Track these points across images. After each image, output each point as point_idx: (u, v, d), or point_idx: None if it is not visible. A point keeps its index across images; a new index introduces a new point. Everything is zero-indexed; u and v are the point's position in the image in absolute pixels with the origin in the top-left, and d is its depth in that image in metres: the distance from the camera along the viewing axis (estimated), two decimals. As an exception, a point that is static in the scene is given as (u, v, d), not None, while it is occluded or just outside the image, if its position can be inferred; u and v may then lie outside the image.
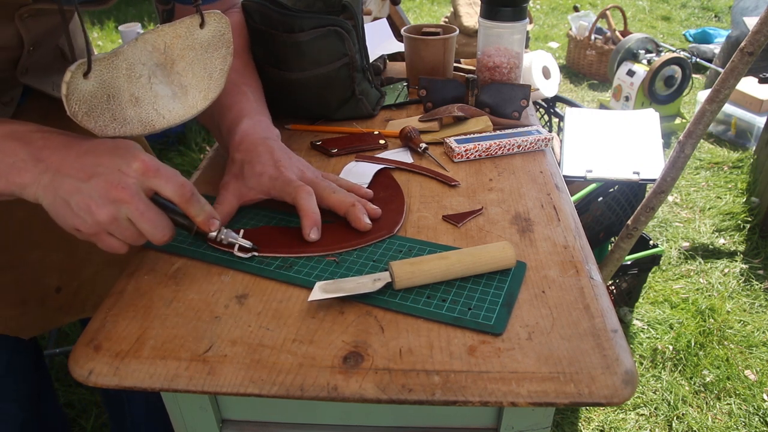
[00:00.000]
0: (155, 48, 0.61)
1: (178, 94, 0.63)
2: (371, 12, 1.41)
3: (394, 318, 0.53)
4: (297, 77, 0.85)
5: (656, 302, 1.79)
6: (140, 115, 0.61)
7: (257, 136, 0.69)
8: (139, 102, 0.60)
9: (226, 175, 0.69)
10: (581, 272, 0.58)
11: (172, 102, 0.63)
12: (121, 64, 0.58)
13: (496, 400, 0.46)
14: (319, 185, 0.66)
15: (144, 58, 0.60)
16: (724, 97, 1.15)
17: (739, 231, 2.10)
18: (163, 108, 0.62)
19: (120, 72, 0.58)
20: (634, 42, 2.89)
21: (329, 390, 0.47)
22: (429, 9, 5.21)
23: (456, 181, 0.75)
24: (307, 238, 0.62)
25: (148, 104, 0.61)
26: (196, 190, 0.57)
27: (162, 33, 0.61)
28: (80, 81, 0.55)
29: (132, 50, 0.59)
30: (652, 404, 1.47)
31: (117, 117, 0.59)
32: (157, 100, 0.62)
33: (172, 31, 0.61)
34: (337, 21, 0.82)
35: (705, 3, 5.00)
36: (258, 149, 0.67)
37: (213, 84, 0.65)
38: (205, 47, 0.64)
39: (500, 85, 0.92)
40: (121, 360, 0.49)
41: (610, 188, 1.45)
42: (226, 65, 0.66)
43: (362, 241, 0.63)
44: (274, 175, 0.65)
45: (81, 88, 0.55)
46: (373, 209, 0.66)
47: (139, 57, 0.60)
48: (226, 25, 0.65)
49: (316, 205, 0.63)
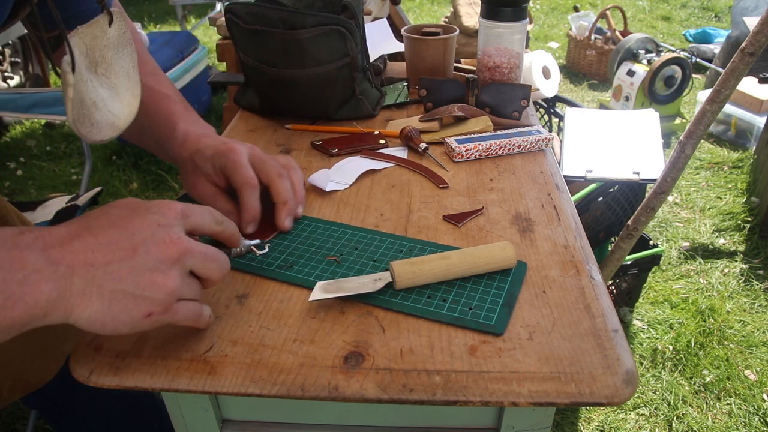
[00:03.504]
0: (81, 51, 0.58)
1: (112, 95, 0.62)
2: (371, 12, 1.41)
3: (394, 318, 0.53)
4: (297, 75, 0.85)
5: (656, 302, 1.79)
6: (104, 118, 0.59)
7: (198, 133, 0.69)
8: (97, 105, 0.59)
9: (187, 179, 0.68)
10: (582, 272, 0.58)
11: (114, 103, 0.61)
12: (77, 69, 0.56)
13: (497, 400, 0.46)
14: (267, 163, 0.66)
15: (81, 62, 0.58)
16: (724, 98, 1.15)
17: (739, 231, 2.10)
18: (113, 108, 0.61)
19: (78, 76, 0.56)
20: (634, 42, 2.89)
21: (330, 390, 0.47)
22: (429, 9, 5.21)
23: (446, 183, 0.75)
24: (244, 231, 0.62)
25: (103, 107, 0.60)
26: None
27: (82, 35, 0.58)
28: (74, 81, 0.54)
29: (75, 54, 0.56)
30: (652, 404, 1.47)
31: (93, 121, 0.58)
32: (106, 102, 0.60)
33: (89, 31, 0.59)
34: (340, 20, 0.82)
35: (705, 3, 5.00)
36: (203, 141, 0.67)
37: (132, 81, 0.64)
38: (116, 46, 0.62)
39: (500, 85, 0.92)
40: (121, 360, 0.49)
41: (610, 188, 1.45)
42: (134, 62, 0.65)
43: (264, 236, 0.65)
44: (222, 150, 0.64)
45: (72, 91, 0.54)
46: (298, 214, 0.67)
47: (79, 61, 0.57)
48: (124, 21, 0.63)
49: (258, 201, 0.63)
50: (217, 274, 0.49)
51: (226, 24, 0.86)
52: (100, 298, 0.42)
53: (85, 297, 0.42)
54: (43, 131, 2.97)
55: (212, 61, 3.56)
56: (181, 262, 0.45)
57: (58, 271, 0.41)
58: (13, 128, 3.00)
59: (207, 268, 0.48)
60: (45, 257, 0.41)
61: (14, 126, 3.01)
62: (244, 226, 0.62)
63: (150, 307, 0.44)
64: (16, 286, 0.39)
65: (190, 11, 4.95)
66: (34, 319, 0.40)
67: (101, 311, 0.43)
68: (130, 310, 0.43)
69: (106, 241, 0.43)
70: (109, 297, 0.43)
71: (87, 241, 0.43)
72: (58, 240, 0.42)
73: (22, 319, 0.40)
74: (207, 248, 0.48)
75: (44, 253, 0.41)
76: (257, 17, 0.82)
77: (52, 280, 0.40)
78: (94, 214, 0.46)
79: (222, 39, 2.11)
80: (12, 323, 0.39)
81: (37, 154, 2.76)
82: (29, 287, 0.39)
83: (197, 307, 0.48)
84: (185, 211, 0.49)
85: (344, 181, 0.76)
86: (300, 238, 0.65)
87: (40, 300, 0.40)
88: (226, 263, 0.50)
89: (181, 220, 0.48)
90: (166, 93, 0.74)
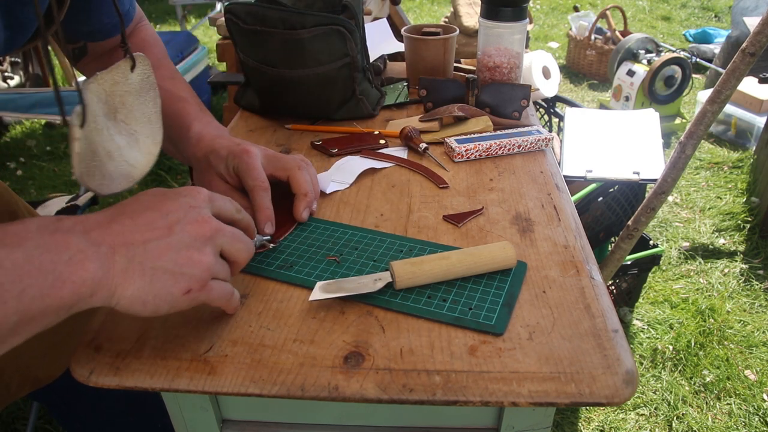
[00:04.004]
0: (99, 98, 0.58)
1: (131, 142, 0.61)
2: (371, 12, 1.41)
3: (394, 318, 0.53)
4: (297, 75, 0.85)
5: (656, 302, 1.79)
6: (118, 169, 0.59)
7: (212, 135, 0.70)
8: (111, 155, 0.58)
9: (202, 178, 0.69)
10: (582, 272, 0.58)
11: (131, 151, 0.61)
12: (89, 117, 0.55)
13: (497, 400, 0.46)
14: (285, 158, 0.68)
15: (98, 110, 0.57)
16: (725, 98, 1.15)
17: (739, 231, 2.10)
18: (130, 158, 0.60)
19: (91, 125, 0.55)
20: (634, 42, 2.89)
21: (330, 390, 0.47)
22: (429, 9, 5.21)
23: (446, 183, 0.75)
24: (262, 231, 0.63)
25: (119, 156, 0.59)
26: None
27: (101, 81, 0.58)
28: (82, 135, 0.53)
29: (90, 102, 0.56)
30: (652, 404, 1.47)
31: (104, 174, 0.57)
32: (122, 151, 0.60)
33: (110, 77, 0.59)
34: (340, 20, 0.82)
35: (705, 3, 5.00)
36: (217, 141, 0.68)
37: (154, 127, 0.65)
38: (138, 91, 0.63)
39: (500, 85, 0.92)
40: (122, 360, 0.49)
41: (610, 188, 1.45)
42: (158, 107, 0.65)
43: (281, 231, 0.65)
44: (236, 151, 0.65)
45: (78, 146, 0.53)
46: (313, 209, 0.69)
47: (95, 108, 0.57)
48: (149, 66, 0.64)
49: (270, 202, 0.64)
50: (245, 254, 0.51)
51: (226, 24, 0.86)
52: (142, 276, 0.44)
53: (128, 275, 0.43)
54: (43, 131, 2.97)
55: (212, 61, 3.56)
56: (213, 239, 0.48)
57: (101, 251, 0.42)
58: (13, 128, 3.00)
59: (235, 248, 0.50)
60: (87, 239, 0.42)
61: (14, 126, 3.01)
62: (261, 227, 0.62)
63: (189, 284, 0.45)
64: (63, 267, 0.40)
65: (190, 11, 4.95)
66: (81, 299, 0.41)
67: (143, 289, 0.44)
68: (170, 287, 0.45)
69: (143, 222, 0.45)
70: (151, 274, 0.44)
71: (124, 223, 0.45)
72: (96, 224, 0.44)
73: (71, 299, 0.41)
74: (234, 230, 0.51)
75: (85, 235, 0.43)
76: (257, 17, 0.82)
77: (96, 259, 0.42)
78: (126, 201, 0.48)
79: (222, 39, 2.11)
80: (62, 303, 0.40)
81: (37, 154, 2.76)
82: (75, 266, 0.41)
83: (229, 287, 0.50)
84: (211, 197, 0.51)
85: (344, 180, 0.76)
86: (300, 238, 0.65)
87: (86, 279, 0.41)
88: (251, 245, 0.53)
89: (208, 203, 0.50)
90: (182, 96, 0.75)
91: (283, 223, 0.66)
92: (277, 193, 0.66)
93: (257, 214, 0.63)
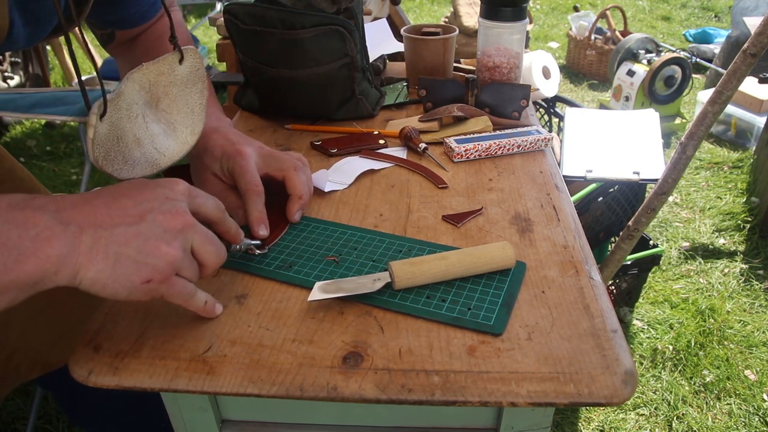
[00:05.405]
0: (141, 87, 0.60)
1: (168, 131, 0.62)
2: (371, 12, 1.41)
3: (393, 318, 0.53)
4: (297, 75, 0.85)
5: (656, 302, 1.79)
6: (145, 156, 0.60)
7: (208, 127, 0.69)
8: (141, 142, 0.59)
9: (197, 175, 0.68)
10: (581, 272, 0.58)
11: (166, 139, 0.62)
12: (122, 105, 0.57)
13: (496, 400, 0.46)
14: (281, 157, 0.67)
15: (136, 98, 0.59)
16: (726, 99, 1.15)
17: (739, 231, 2.09)
18: (161, 146, 0.62)
19: (122, 113, 0.57)
20: (634, 42, 2.89)
21: (329, 390, 0.47)
22: (429, 9, 5.21)
23: (445, 183, 0.75)
24: (256, 235, 0.62)
25: (149, 143, 0.60)
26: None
27: (146, 71, 0.60)
28: (99, 124, 0.54)
29: (127, 90, 0.57)
30: (652, 404, 1.47)
31: (127, 159, 0.58)
32: (155, 139, 0.61)
33: (156, 68, 0.61)
34: (339, 20, 0.82)
35: (705, 3, 5.00)
36: (212, 138, 0.68)
37: (196, 119, 0.65)
38: (184, 83, 0.64)
39: (500, 85, 0.92)
40: (120, 360, 0.49)
41: (610, 188, 1.45)
42: (204, 99, 0.66)
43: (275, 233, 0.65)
44: (230, 153, 0.65)
45: (99, 131, 0.54)
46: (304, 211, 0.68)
47: (133, 97, 0.58)
48: (200, 61, 0.65)
49: (263, 206, 0.63)
50: (214, 259, 0.50)
51: (225, 24, 0.86)
52: (105, 259, 0.44)
53: (91, 256, 0.43)
54: (43, 131, 2.97)
55: (212, 61, 3.56)
56: (184, 234, 0.47)
57: (69, 230, 0.43)
58: (13, 128, 3.00)
59: (205, 250, 0.49)
60: (56, 217, 0.43)
61: (14, 126, 3.01)
62: (255, 230, 0.62)
63: (150, 274, 0.45)
64: (29, 242, 0.41)
65: (190, 11, 4.94)
66: (46, 275, 0.42)
67: (104, 272, 0.44)
68: (131, 274, 0.45)
69: (116, 207, 0.46)
70: (114, 258, 0.44)
71: (97, 205, 0.45)
72: (71, 204, 0.45)
73: (35, 274, 0.41)
74: (208, 231, 0.50)
75: (56, 214, 0.43)
76: (256, 17, 0.82)
77: (62, 237, 0.42)
78: (107, 187, 0.49)
79: (222, 39, 2.10)
80: (26, 278, 0.41)
81: (37, 154, 2.76)
82: (41, 243, 0.41)
83: (191, 287, 0.49)
84: (191, 191, 0.51)
85: (343, 181, 0.76)
86: (299, 239, 0.65)
87: (51, 255, 0.42)
88: (223, 251, 0.51)
89: (187, 198, 0.49)
90: None
91: (275, 223, 0.65)
92: (271, 190, 0.66)
93: (250, 218, 0.63)
